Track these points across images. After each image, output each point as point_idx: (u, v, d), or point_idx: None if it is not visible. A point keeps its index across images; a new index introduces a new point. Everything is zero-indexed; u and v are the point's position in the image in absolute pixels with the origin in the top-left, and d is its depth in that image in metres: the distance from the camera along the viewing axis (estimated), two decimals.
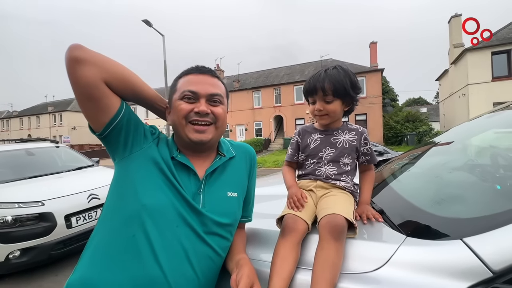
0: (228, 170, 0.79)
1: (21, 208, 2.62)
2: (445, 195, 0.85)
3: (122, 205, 0.65)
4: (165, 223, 0.64)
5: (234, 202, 0.77)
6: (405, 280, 0.56)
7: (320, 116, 0.90)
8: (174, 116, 0.72)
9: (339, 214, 0.70)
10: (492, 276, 0.50)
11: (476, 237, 0.55)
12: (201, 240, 0.67)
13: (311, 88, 0.89)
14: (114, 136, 0.66)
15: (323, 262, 0.63)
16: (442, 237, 0.61)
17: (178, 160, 0.71)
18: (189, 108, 0.70)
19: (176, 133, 0.75)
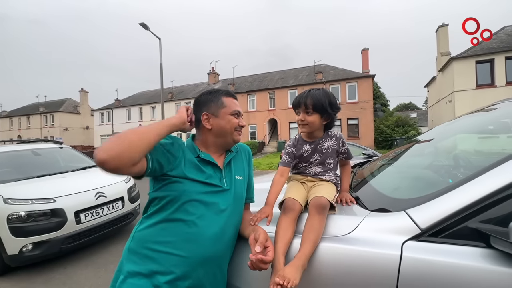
0: (235, 162, 1.09)
1: (34, 204, 2.80)
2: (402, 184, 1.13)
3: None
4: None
5: (241, 183, 1.08)
6: (367, 238, 0.82)
7: (302, 125, 1.16)
8: (226, 125, 1.01)
9: (323, 196, 0.97)
10: (420, 232, 0.77)
11: (413, 209, 0.82)
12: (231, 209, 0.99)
13: (296, 102, 1.16)
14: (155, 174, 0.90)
15: (309, 228, 0.89)
16: (392, 210, 0.88)
17: (202, 158, 0.98)
18: (237, 122, 1.03)
19: (220, 136, 1.02)
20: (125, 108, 31.14)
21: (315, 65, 24.09)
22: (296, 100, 1.16)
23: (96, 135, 33.02)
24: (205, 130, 1.01)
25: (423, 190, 1.00)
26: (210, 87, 28.12)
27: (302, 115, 1.14)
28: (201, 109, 1.02)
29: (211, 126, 1.00)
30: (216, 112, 1.01)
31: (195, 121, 1.03)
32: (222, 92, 1.05)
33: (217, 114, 1.00)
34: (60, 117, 34.16)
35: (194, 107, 1.04)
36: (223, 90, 1.06)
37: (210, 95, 1.03)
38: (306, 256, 0.83)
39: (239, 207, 1.04)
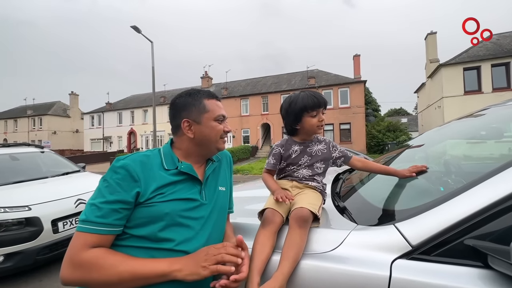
0: (217, 171, 0.97)
1: (7, 212, 2.62)
2: (392, 193, 1.06)
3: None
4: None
5: (224, 194, 0.96)
6: (352, 256, 0.74)
7: (321, 126, 1.09)
8: (209, 133, 0.87)
9: (305, 208, 0.88)
10: (412, 249, 0.68)
11: (404, 222, 0.74)
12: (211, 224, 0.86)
13: (320, 102, 1.07)
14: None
15: (288, 243, 0.80)
16: (381, 223, 0.79)
17: (181, 170, 0.83)
18: (222, 128, 0.90)
19: (202, 144, 0.88)
20: (116, 111, 30.68)
21: (307, 70, 24.31)
22: (321, 99, 1.07)
23: (86, 138, 32.34)
24: (185, 138, 0.88)
25: (414, 200, 0.92)
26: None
27: (323, 116, 1.09)
28: (180, 114, 0.88)
29: (193, 135, 0.87)
30: (198, 118, 0.87)
31: (173, 127, 0.91)
32: (204, 93, 0.90)
33: (199, 121, 0.87)
34: (48, 120, 33.37)
35: (172, 111, 0.91)
36: (204, 90, 0.91)
37: (190, 98, 0.89)
38: (284, 276, 0.74)
39: (221, 221, 0.92)
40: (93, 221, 0.71)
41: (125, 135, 29.75)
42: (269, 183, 1.11)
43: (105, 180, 0.76)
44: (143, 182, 0.76)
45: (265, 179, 1.14)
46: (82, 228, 0.71)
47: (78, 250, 0.69)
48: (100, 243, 0.71)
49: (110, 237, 0.73)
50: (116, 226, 0.73)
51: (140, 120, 28.99)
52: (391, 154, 1.88)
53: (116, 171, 0.75)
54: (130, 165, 0.76)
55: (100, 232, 0.71)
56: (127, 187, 0.74)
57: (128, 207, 0.74)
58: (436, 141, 1.85)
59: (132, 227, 0.76)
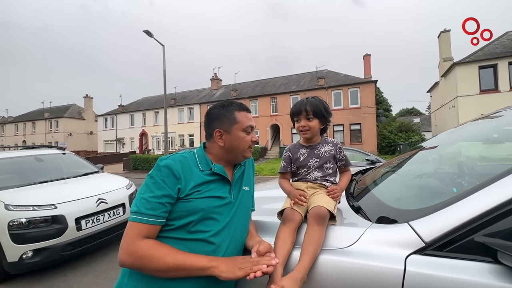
0: (243, 173, 1.06)
1: (35, 210, 2.79)
2: (406, 194, 1.11)
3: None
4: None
5: (248, 194, 1.05)
6: (368, 252, 0.80)
7: (303, 131, 1.19)
8: (238, 143, 0.96)
9: (322, 206, 0.95)
10: (425, 245, 0.74)
11: (417, 221, 0.80)
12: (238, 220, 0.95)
13: (297, 110, 1.19)
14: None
15: (308, 239, 0.87)
16: (395, 222, 0.85)
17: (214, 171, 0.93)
18: (250, 139, 0.98)
19: (231, 152, 0.97)
20: (128, 113, 31.43)
21: (317, 71, 24.20)
22: (297, 108, 1.19)
23: (99, 140, 33.29)
24: (216, 145, 0.98)
25: (427, 200, 0.97)
26: (213, 93, 28.31)
27: (303, 121, 1.18)
28: (213, 124, 0.98)
29: (224, 143, 0.96)
30: (229, 128, 0.96)
31: (207, 134, 1.02)
32: (235, 105, 1.00)
33: (229, 131, 0.96)
34: (64, 123, 34.55)
35: (207, 120, 1.02)
36: (236, 103, 1.02)
37: (223, 109, 0.98)
38: (305, 268, 0.80)
39: (245, 219, 1.01)
40: (144, 213, 0.80)
41: (137, 136, 30.43)
42: (284, 186, 1.20)
43: (151, 177, 0.85)
44: (183, 180, 0.85)
45: (281, 183, 1.23)
46: (136, 218, 0.81)
47: (134, 239, 0.79)
48: (150, 233, 0.81)
49: (157, 227, 0.83)
50: (162, 218, 0.82)
51: (152, 122, 29.59)
52: (405, 155, 1.91)
53: (160, 170, 0.85)
54: (172, 164, 0.86)
55: (150, 223, 0.80)
56: (171, 184, 0.83)
57: (172, 202, 0.83)
58: (450, 143, 1.87)
59: (172, 219, 0.85)
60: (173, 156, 0.91)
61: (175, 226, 0.85)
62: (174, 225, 0.85)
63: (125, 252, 0.79)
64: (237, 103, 1.02)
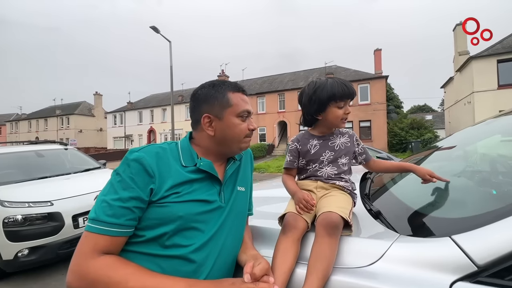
0: (237, 169, 0.86)
1: (31, 207, 2.70)
2: (439, 197, 0.89)
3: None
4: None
5: (243, 195, 0.85)
6: (396, 274, 0.60)
7: (346, 119, 0.98)
8: (231, 132, 0.77)
9: (334, 212, 0.75)
10: (477, 270, 0.54)
11: (464, 235, 0.59)
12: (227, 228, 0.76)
13: (350, 92, 0.94)
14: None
15: (316, 255, 0.68)
16: (432, 235, 0.65)
17: (200, 168, 0.74)
18: (246, 127, 0.79)
19: (223, 143, 0.79)
20: (137, 110, 31.71)
21: (325, 67, 23.68)
22: (351, 90, 0.95)
23: (109, 136, 33.76)
24: (205, 135, 0.79)
25: (468, 206, 0.76)
26: None
27: (349, 108, 0.97)
28: (200, 108, 0.79)
29: (214, 132, 0.77)
30: (220, 113, 0.77)
31: (193, 121, 0.82)
32: (229, 85, 0.80)
33: (221, 116, 0.77)
34: (75, 120, 35.16)
35: (192, 103, 0.82)
36: (230, 82, 0.82)
37: (213, 90, 0.79)
38: None
39: (238, 227, 0.81)
40: (103, 221, 0.62)
41: (145, 133, 30.68)
42: (288, 184, 0.99)
43: (117, 174, 0.68)
44: (158, 178, 0.67)
45: (285, 180, 1.02)
46: (92, 228, 0.63)
47: (87, 255, 0.61)
48: (110, 247, 0.63)
49: (121, 240, 0.65)
50: (128, 227, 0.65)
51: (159, 119, 29.76)
52: (425, 153, 1.69)
53: (129, 165, 0.67)
54: (145, 158, 0.68)
55: (111, 234, 0.63)
56: (142, 183, 0.65)
57: (142, 206, 0.66)
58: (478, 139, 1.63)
59: (141, 229, 0.67)
60: (147, 148, 0.72)
61: (145, 238, 0.66)
62: (144, 237, 0.67)
63: (74, 273, 0.61)
64: (231, 82, 0.83)
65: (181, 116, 27.07)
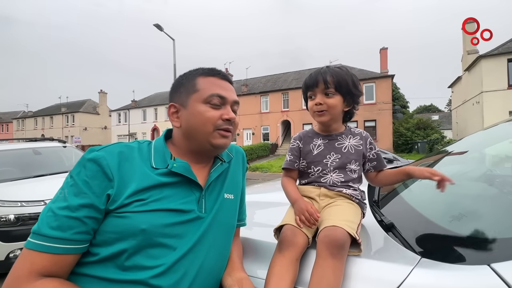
0: (225, 173, 0.73)
1: (23, 207, 2.61)
2: (465, 209, 0.75)
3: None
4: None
5: (231, 204, 0.72)
6: None
7: (319, 112, 0.83)
8: (196, 120, 0.64)
9: (339, 227, 0.62)
10: None
11: (508, 263, 0.46)
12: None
13: (312, 81, 0.83)
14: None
15: (318, 281, 0.56)
16: (464, 261, 0.52)
17: (172, 170, 0.61)
18: (218, 115, 0.64)
19: (189, 137, 0.66)
20: (141, 108, 31.83)
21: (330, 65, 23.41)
22: (312, 78, 0.83)
23: (113, 134, 33.96)
24: (176, 130, 0.69)
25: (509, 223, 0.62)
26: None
27: (319, 97, 0.82)
28: (170, 98, 0.70)
29: (180, 123, 0.66)
30: (186, 100, 0.65)
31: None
32: (202, 70, 0.69)
33: (186, 104, 0.65)
34: (80, 117, 35.44)
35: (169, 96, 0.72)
36: (206, 68, 0.70)
37: (183, 76, 0.69)
38: None
39: (224, 241, 0.68)
40: (45, 235, 0.51)
41: (149, 131, 30.77)
42: (288, 189, 0.85)
43: (71, 176, 0.57)
44: (118, 182, 0.56)
45: (284, 184, 0.88)
46: (30, 243, 0.51)
47: (20, 280, 0.49)
48: (53, 267, 0.51)
49: (68, 258, 0.52)
50: (78, 243, 0.53)
51: (163, 117, 29.81)
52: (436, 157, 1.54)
53: (85, 166, 0.56)
54: (105, 157, 0.57)
55: (53, 251, 0.50)
56: (98, 188, 0.55)
57: (97, 216, 0.54)
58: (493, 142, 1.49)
59: (95, 245, 0.55)
60: (109, 146, 0.60)
61: (100, 256, 0.54)
62: (97, 255, 0.55)
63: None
64: (207, 68, 0.69)
65: None
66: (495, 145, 1.44)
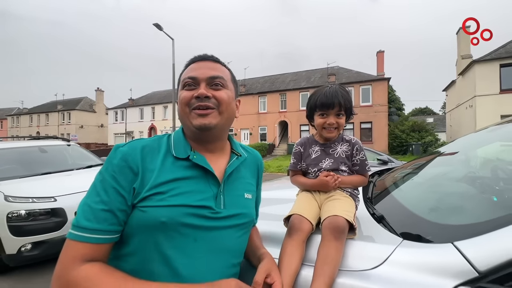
0: (243, 171, 0.77)
1: (34, 203, 2.72)
2: (441, 203, 0.92)
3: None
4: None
5: (251, 204, 0.76)
6: (399, 278, 0.62)
7: (330, 130, 0.99)
8: (179, 108, 0.69)
9: (340, 216, 0.77)
10: (478, 276, 0.56)
11: (466, 241, 0.61)
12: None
13: (328, 103, 0.97)
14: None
15: (323, 258, 0.70)
16: (435, 241, 0.67)
17: (194, 162, 0.66)
18: (190, 95, 0.66)
19: (183, 126, 0.71)
20: (138, 107, 31.74)
21: (328, 67, 23.67)
22: (328, 99, 0.96)
23: (110, 133, 33.80)
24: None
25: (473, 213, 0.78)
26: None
27: (332, 118, 0.98)
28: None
29: (178, 115, 0.72)
30: (178, 95, 0.71)
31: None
32: (187, 62, 0.74)
33: (177, 98, 0.71)
34: (76, 115, 35.20)
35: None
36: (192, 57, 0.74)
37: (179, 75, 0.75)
38: None
39: (244, 242, 0.74)
40: (84, 227, 0.57)
41: (146, 130, 30.72)
42: (301, 181, 1.04)
43: (100, 173, 0.62)
44: (141, 175, 0.61)
45: (295, 180, 1.06)
46: (72, 235, 0.57)
47: (67, 265, 0.56)
48: (94, 254, 0.57)
49: (105, 247, 0.59)
50: (111, 233, 0.59)
51: (161, 116, 29.78)
52: (428, 157, 1.71)
53: (111, 162, 0.62)
54: (129, 153, 0.62)
55: (92, 241, 0.57)
56: (125, 182, 0.60)
57: (126, 209, 0.60)
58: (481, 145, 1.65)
59: (123, 236, 0.62)
60: (132, 142, 0.66)
61: (128, 247, 0.62)
62: (127, 245, 0.62)
63: (56, 282, 0.55)
64: (195, 56, 0.74)
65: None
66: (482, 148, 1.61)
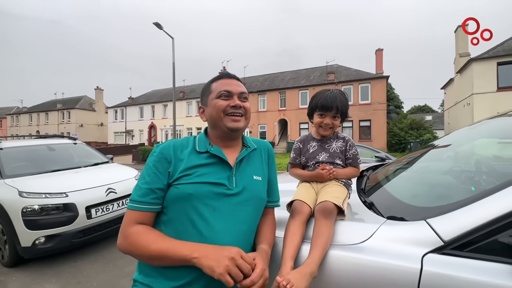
0: (252, 159, 0.95)
1: (47, 198, 2.86)
2: (422, 191, 1.06)
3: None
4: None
5: (259, 184, 0.92)
6: (382, 249, 0.77)
7: (326, 128, 1.15)
8: (212, 112, 0.88)
9: (329, 201, 0.93)
10: (443, 244, 0.70)
11: (436, 218, 0.76)
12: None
13: (328, 105, 1.12)
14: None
15: (317, 233, 0.85)
16: (412, 219, 0.81)
17: (211, 153, 0.86)
18: (226, 104, 0.87)
19: (213, 126, 0.91)
20: (138, 106, 31.80)
21: (327, 66, 23.78)
22: (328, 103, 1.12)
23: (110, 131, 33.90)
24: (207, 124, 0.95)
25: (445, 198, 0.93)
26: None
27: (329, 119, 1.14)
28: (200, 103, 0.97)
29: (206, 117, 0.92)
30: (206, 101, 0.92)
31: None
32: (215, 78, 0.94)
33: (206, 103, 0.92)
34: (76, 114, 35.27)
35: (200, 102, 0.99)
36: (218, 76, 0.95)
37: (204, 87, 0.95)
38: (315, 262, 0.78)
39: (254, 213, 0.88)
40: (135, 200, 0.80)
41: (146, 128, 30.83)
42: (299, 173, 1.20)
43: (146, 164, 0.85)
44: (174, 163, 0.83)
45: (294, 172, 1.22)
46: (128, 205, 0.82)
47: (126, 225, 0.80)
48: (142, 219, 0.80)
49: (149, 214, 0.81)
50: (154, 205, 0.81)
51: (160, 115, 29.86)
52: (418, 152, 1.85)
53: (153, 155, 0.85)
54: (165, 147, 0.85)
55: (140, 209, 0.79)
56: (162, 168, 0.82)
57: (163, 187, 0.81)
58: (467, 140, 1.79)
59: (164, 207, 0.83)
60: (168, 141, 0.89)
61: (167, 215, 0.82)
62: (165, 214, 0.83)
63: (120, 236, 0.80)
64: (218, 75, 0.95)
65: (182, 113, 27.17)
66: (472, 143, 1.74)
